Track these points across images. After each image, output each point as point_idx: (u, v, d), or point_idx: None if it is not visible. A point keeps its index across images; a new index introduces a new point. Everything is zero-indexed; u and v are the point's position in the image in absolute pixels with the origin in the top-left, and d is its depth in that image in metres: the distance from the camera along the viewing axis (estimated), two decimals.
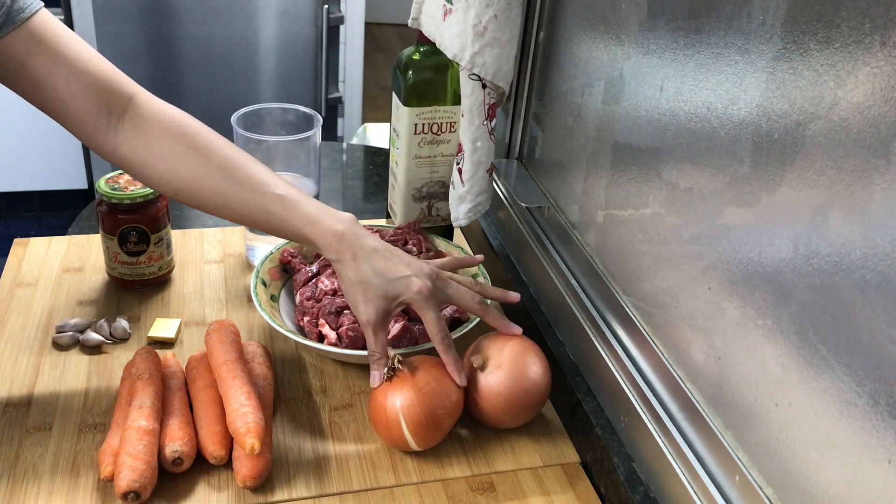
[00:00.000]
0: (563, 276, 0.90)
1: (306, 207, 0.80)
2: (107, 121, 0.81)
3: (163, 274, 1.00)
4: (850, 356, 0.50)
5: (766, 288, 0.57)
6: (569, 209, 0.92)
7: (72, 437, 0.78)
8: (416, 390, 0.75)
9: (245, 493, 0.73)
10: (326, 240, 0.79)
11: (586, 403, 0.81)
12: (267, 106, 1.04)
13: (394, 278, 0.78)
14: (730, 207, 0.61)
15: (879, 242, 0.47)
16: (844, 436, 0.50)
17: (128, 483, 0.68)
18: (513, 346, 0.79)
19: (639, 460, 0.73)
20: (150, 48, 2.21)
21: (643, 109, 0.73)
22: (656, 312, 0.73)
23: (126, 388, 0.79)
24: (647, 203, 0.73)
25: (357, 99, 2.69)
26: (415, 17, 0.99)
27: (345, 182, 1.52)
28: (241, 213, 0.82)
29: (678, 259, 0.69)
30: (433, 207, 1.07)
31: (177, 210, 1.26)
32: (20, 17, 0.76)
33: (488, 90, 0.91)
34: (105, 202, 0.94)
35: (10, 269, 1.02)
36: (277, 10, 2.27)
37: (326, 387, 0.87)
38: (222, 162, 0.82)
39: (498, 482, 0.76)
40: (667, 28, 0.68)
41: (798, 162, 0.53)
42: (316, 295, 0.91)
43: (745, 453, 0.61)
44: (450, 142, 1.02)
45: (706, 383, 0.66)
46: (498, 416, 0.79)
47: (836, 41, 0.49)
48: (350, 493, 0.74)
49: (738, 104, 0.59)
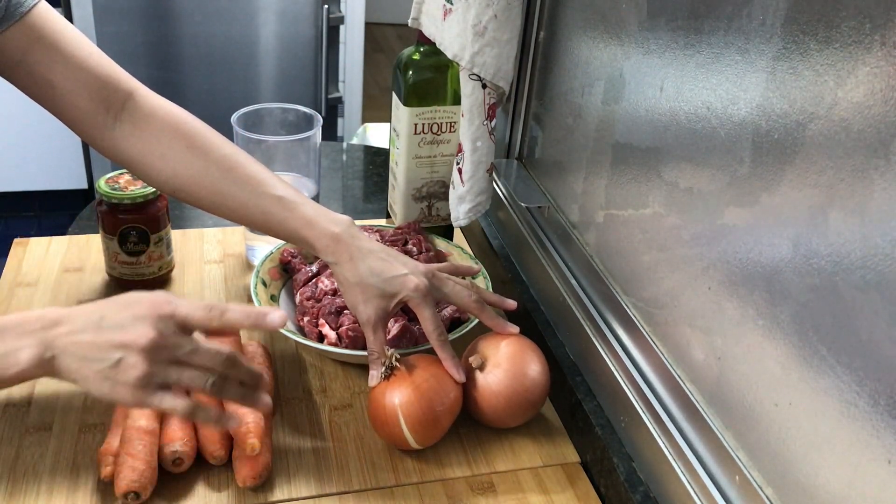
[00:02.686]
0: (563, 276, 0.90)
1: (304, 209, 0.80)
2: (105, 117, 0.81)
3: (163, 274, 1.00)
4: (850, 356, 0.50)
5: (766, 288, 0.57)
6: (569, 209, 0.92)
7: (72, 437, 0.78)
8: (415, 388, 0.75)
9: (245, 493, 0.73)
10: (323, 242, 0.79)
11: (586, 403, 0.81)
12: (267, 106, 1.04)
13: (390, 277, 0.78)
14: (730, 207, 0.61)
15: (879, 242, 0.47)
16: (844, 436, 0.51)
17: (128, 483, 0.68)
18: (510, 345, 0.79)
19: (639, 460, 0.73)
20: (150, 48, 2.21)
21: (643, 109, 0.73)
22: (656, 312, 0.73)
23: None
24: (647, 203, 0.73)
25: (357, 99, 2.69)
26: (415, 17, 0.99)
27: (345, 182, 1.52)
28: (239, 213, 0.82)
29: (678, 259, 0.69)
30: (433, 207, 1.07)
31: (177, 210, 1.26)
32: (19, 11, 0.76)
33: (488, 90, 0.91)
34: (105, 202, 0.94)
35: (10, 269, 1.02)
36: (277, 10, 2.27)
37: (326, 387, 0.87)
38: (221, 161, 0.82)
39: (498, 482, 0.76)
40: (667, 28, 0.68)
41: (798, 162, 0.53)
42: (316, 295, 0.91)
43: (745, 453, 0.61)
44: (450, 142, 1.02)
45: (706, 383, 0.66)
46: (498, 415, 0.79)
47: (836, 41, 0.49)
48: (350, 493, 0.74)
49: (738, 104, 0.59)
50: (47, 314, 0.64)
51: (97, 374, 0.62)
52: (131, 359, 0.62)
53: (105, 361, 0.62)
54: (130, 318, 0.63)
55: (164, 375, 0.64)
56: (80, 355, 0.63)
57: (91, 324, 0.63)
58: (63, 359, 0.63)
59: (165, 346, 0.64)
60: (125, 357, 0.62)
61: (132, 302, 0.65)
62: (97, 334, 0.63)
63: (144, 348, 0.62)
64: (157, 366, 0.63)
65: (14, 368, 0.62)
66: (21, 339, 0.62)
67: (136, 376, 0.62)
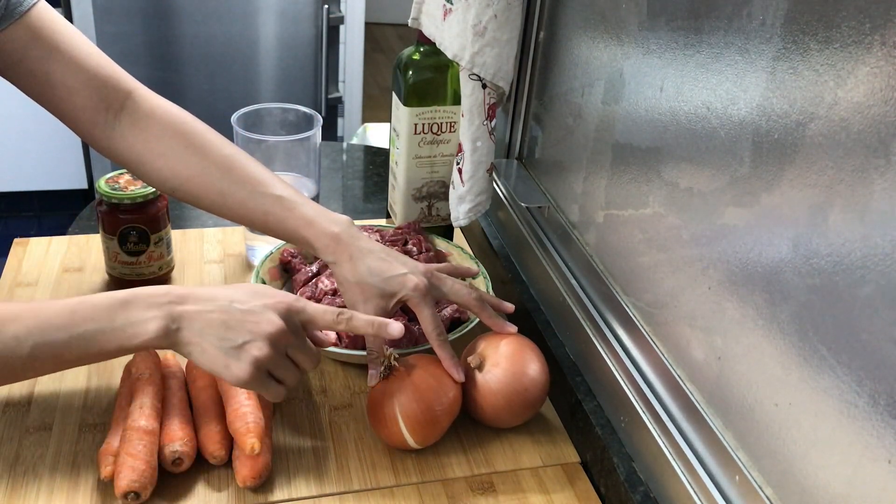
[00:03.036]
0: (563, 276, 0.90)
1: (304, 209, 0.80)
2: (104, 116, 0.81)
3: (163, 274, 1.00)
4: (850, 356, 0.50)
5: (766, 288, 0.57)
6: (569, 209, 0.92)
7: (72, 437, 0.78)
8: (413, 387, 0.75)
9: (245, 493, 0.73)
10: (323, 241, 0.79)
11: (586, 403, 0.81)
12: (267, 106, 1.04)
13: (390, 276, 0.78)
14: (730, 207, 0.61)
15: (879, 242, 0.47)
16: (844, 436, 0.51)
17: (128, 483, 0.68)
18: (509, 345, 0.79)
19: (639, 460, 0.73)
20: (150, 48, 2.21)
21: (643, 109, 0.73)
22: (656, 312, 0.73)
23: (126, 388, 0.79)
24: (647, 203, 0.73)
25: (357, 99, 2.69)
26: (415, 17, 0.99)
27: (345, 182, 1.52)
28: (238, 212, 0.82)
29: (678, 259, 0.69)
30: (433, 207, 1.07)
31: (177, 210, 1.26)
32: (19, 10, 0.76)
33: (488, 90, 0.91)
34: (105, 202, 0.94)
35: (10, 269, 1.02)
36: (277, 10, 2.27)
37: (326, 387, 0.87)
38: (221, 160, 0.82)
39: (498, 482, 0.76)
40: (667, 28, 0.68)
41: (798, 162, 0.53)
42: (316, 295, 0.91)
43: (745, 453, 0.61)
44: (450, 142, 1.02)
45: (706, 383, 0.66)
46: (498, 414, 0.79)
47: (836, 41, 0.49)
48: (350, 493, 0.74)
49: (738, 104, 0.59)
50: (174, 290, 0.69)
51: (217, 350, 0.67)
52: (257, 343, 0.67)
53: (230, 341, 0.67)
54: (261, 307, 0.69)
55: (277, 364, 0.69)
56: (204, 331, 0.67)
57: (221, 305, 0.68)
58: (186, 332, 0.67)
59: (287, 339, 0.69)
60: (252, 340, 0.67)
61: (260, 292, 0.71)
62: (228, 315, 0.68)
63: (271, 336, 0.68)
64: (276, 354, 0.69)
65: (141, 337, 0.67)
66: (150, 311, 0.67)
67: (256, 358, 0.67)
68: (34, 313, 0.65)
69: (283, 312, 0.69)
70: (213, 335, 0.67)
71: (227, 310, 0.68)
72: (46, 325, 0.65)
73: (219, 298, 0.69)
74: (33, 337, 0.64)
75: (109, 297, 0.67)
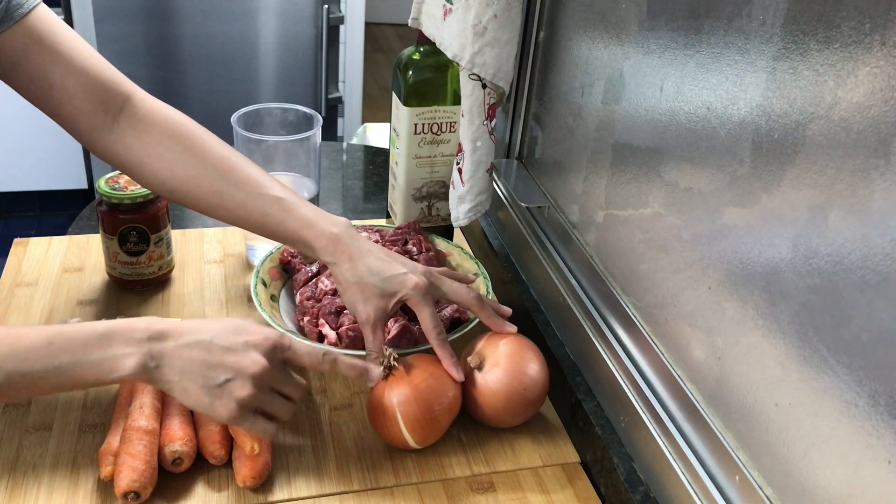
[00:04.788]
0: (563, 276, 0.90)
1: (303, 210, 0.80)
2: (103, 119, 0.81)
3: (163, 274, 1.00)
4: (850, 356, 0.50)
5: (766, 288, 0.57)
6: (569, 209, 0.92)
7: (72, 437, 0.78)
8: (413, 387, 0.75)
9: (245, 493, 0.73)
10: (322, 242, 0.79)
11: (586, 403, 0.81)
12: (267, 106, 1.04)
13: (390, 276, 0.78)
14: (730, 207, 0.61)
15: (879, 242, 0.47)
16: (844, 436, 0.50)
17: (128, 483, 0.68)
18: (508, 344, 0.79)
19: (639, 460, 0.73)
20: (150, 48, 2.21)
21: (643, 109, 0.73)
22: (656, 312, 0.73)
23: (126, 388, 0.79)
24: (647, 203, 0.73)
25: (357, 99, 2.69)
26: (415, 17, 0.99)
27: (345, 182, 1.52)
28: (237, 215, 0.82)
29: (678, 259, 0.69)
30: (433, 207, 1.07)
31: (177, 210, 1.26)
32: (18, 12, 0.76)
33: (488, 90, 0.91)
34: (105, 202, 0.94)
35: (10, 269, 1.02)
36: (277, 10, 2.27)
37: (326, 387, 0.87)
38: (219, 163, 0.82)
39: (498, 482, 0.76)
40: (667, 28, 0.68)
41: (798, 162, 0.53)
42: (316, 295, 0.91)
43: (745, 453, 0.61)
44: (450, 142, 1.02)
45: (706, 383, 0.66)
46: (497, 414, 0.79)
47: (836, 41, 0.49)
48: (350, 493, 0.74)
49: (738, 104, 0.59)
50: (154, 325, 0.68)
51: (200, 389, 0.67)
52: (239, 382, 0.67)
53: (213, 379, 0.67)
54: (243, 345, 0.68)
55: (262, 401, 0.69)
56: (186, 370, 0.66)
57: (202, 342, 0.67)
58: (166, 370, 0.67)
59: (270, 376, 0.69)
60: (234, 379, 0.67)
61: (241, 329, 0.70)
62: (208, 353, 0.67)
63: (254, 375, 0.67)
64: (261, 392, 0.68)
65: (118, 373, 0.66)
66: (127, 346, 0.66)
67: (240, 398, 0.67)
68: (10, 341, 0.64)
69: (266, 350, 0.69)
70: (194, 374, 0.66)
71: (208, 348, 0.67)
72: (23, 355, 0.64)
73: (199, 335, 0.68)
74: (8, 365, 0.63)
75: (88, 329, 0.66)
